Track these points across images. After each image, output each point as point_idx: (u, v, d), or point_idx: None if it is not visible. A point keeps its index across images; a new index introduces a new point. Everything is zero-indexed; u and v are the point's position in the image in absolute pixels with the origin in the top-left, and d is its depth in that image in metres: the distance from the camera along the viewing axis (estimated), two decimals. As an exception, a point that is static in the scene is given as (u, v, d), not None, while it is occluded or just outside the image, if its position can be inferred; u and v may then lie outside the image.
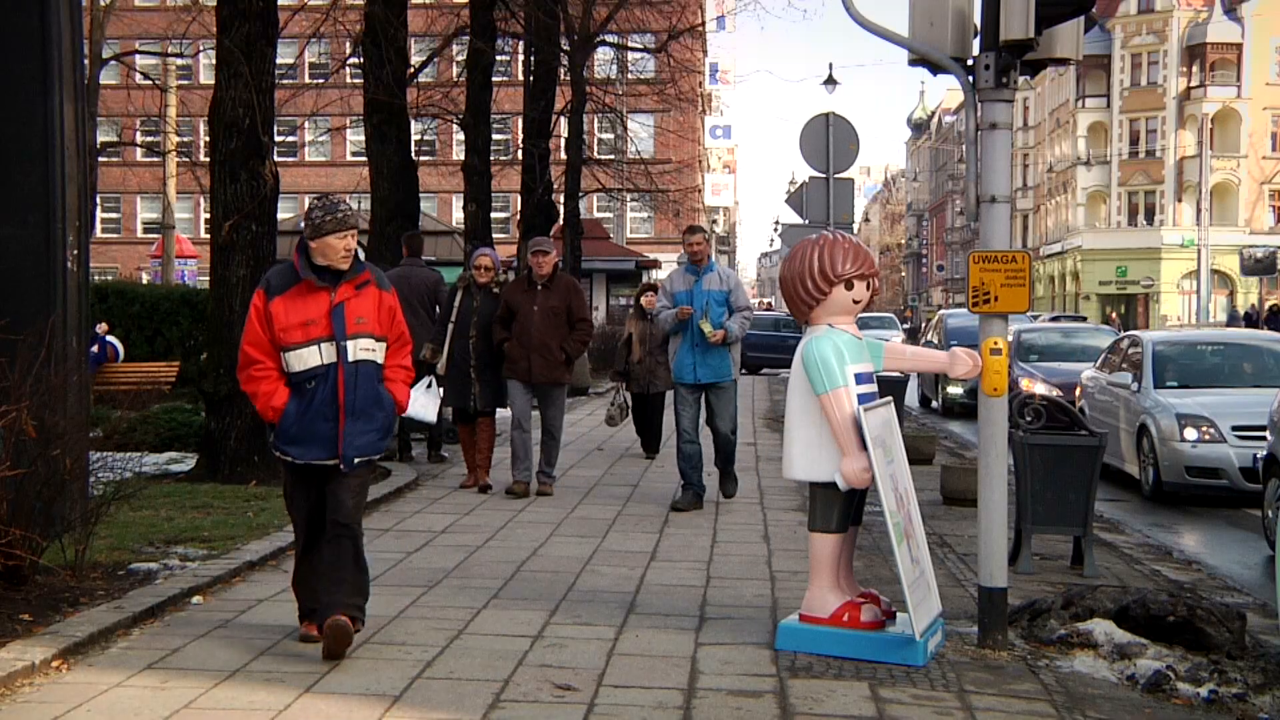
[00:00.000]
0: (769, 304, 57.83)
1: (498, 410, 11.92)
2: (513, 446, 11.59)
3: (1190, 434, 12.78)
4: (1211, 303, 53.92)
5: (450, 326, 11.89)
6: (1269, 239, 58.68)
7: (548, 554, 8.87)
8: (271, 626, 6.65)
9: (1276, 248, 53.40)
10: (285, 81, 19.60)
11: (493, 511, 10.64)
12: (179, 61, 30.48)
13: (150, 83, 30.82)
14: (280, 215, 12.68)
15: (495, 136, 26.03)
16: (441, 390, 11.69)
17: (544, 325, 11.26)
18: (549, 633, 6.63)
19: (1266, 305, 39.48)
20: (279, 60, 12.87)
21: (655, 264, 43.97)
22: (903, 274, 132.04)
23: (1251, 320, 34.55)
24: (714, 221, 79.70)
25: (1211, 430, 12.73)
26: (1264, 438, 11.25)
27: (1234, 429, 12.66)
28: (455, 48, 26.57)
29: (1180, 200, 63.00)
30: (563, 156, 29.42)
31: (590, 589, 7.75)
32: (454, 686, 5.65)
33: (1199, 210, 54.39)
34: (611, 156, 35.82)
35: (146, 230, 59.35)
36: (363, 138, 17.32)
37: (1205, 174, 53.92)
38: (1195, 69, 63.05)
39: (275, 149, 12.36)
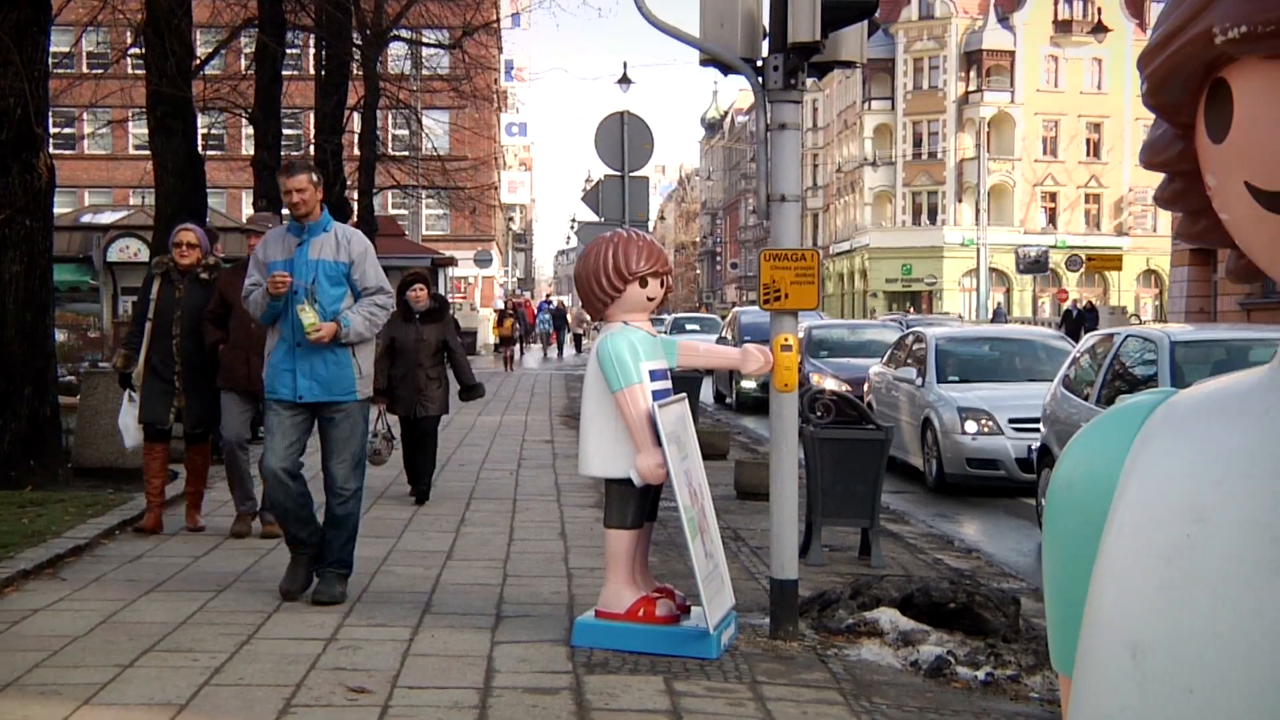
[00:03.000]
0: (563, 302, 57.91)
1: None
2: (230, 473, 9.45)
3: (970, 427, 13.27)
4: (990, 300, 55.99)
5: (148, 325, 9.33)
6: (1041, 239, 61.28)
7: (341, 556, 8.71)
8: (48, 636, 6.38)
9: (1048, 247, 55.83)
10: (61, 71, 18.85)
11: (284, 514, 10.40)
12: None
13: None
14: (57, 210, 12.19)
15: (286, 131, 25.48)
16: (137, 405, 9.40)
17: None
18: (343, 635, 6.53)
19: (1084, 302, 41.65)
20: (53, 48, 12.36)
21: (452, 262, 43.65)
22: (698, 272, 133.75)
23: (1071, 318, 36.46)
24: (510, 219, 79.53)
25: (990, 423, 13.23)
26: (1038, 430, 11.77)
27: (1011, 421, 13.17)
28: (243, 40, 25.92)
29: (960, 201, 65.28)
30: (356, 152, 28.98)
31: (385, 590, 7.66)
32: (243, 693, 5.52)
33: (978, 210, 56.50)
34: (406, 153, 35.42)
35: (-89, 224, 56.32)
36: (146, 131, 16.73)
37: (983, 175, 56.03)
38: (973, 74, 65.45)
39: (50, 141, 11.87)
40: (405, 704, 5.39)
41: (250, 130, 24.44)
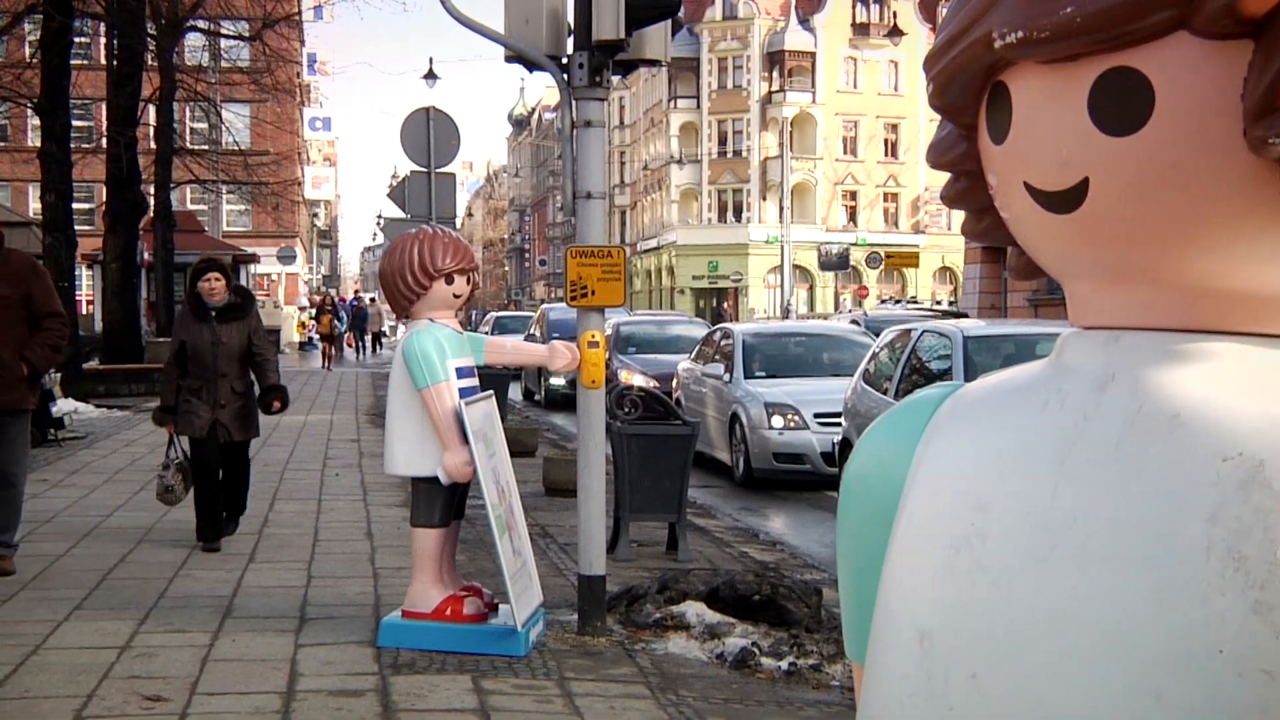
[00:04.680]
0: (372, 298, 57.06)
1: None
2: None
3: (777, 422, 13.49)
4: (794, 297, 57.14)
5: None
6: (842, 236, 62.80)
7: (138, 560, 8.46)
8: None
9: (849, 245, 57.22)
10: None
11: (78, 518, 10.05)
12: None
13: None
14: None
15: (76, 123, 24.59)
16: None
17: None
18: (138, 642, 6.33)
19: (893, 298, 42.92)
20: None
21: (254, 258, 42.63)
22: (506, 269, 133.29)
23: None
24: (315, 215, 78.13)
25: (796, 418, 13.48)
26: (840, 424, 12.04)
27: (815, 416, 13.44)
28: (28, 26, 24.89)
29: (765, 199, 66.40)
30: (152, 146, 28.09)
31: (184, 594, 7.45)
32: (29, 706, 5.30)
33: (781, 209, 57.51)
34: (205, 147, 34.47)
35: None
36: (-78, 120, 15.95)
37: (786, 174, 57.03)
38: (775, 74, 66.65)
39: None
40: (204, 711, 5.25)
41: (37, 121, 23.49)
